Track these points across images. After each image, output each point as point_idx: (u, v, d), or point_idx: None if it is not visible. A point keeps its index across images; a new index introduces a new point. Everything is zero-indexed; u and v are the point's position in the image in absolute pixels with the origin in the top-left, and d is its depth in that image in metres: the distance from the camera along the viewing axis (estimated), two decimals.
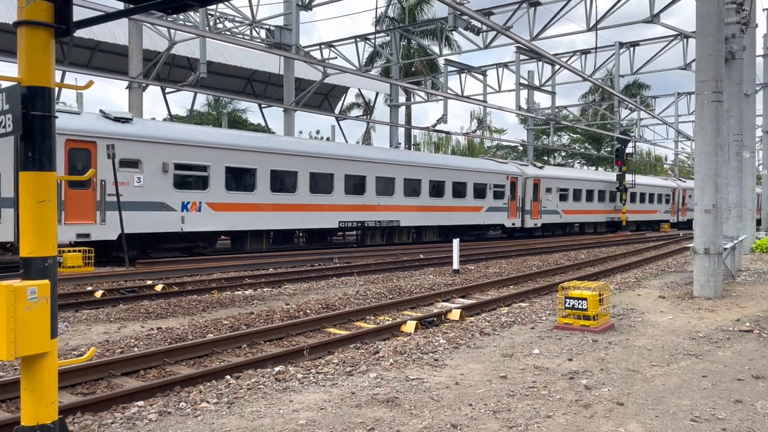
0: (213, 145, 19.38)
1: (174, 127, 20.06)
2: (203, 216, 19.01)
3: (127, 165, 17.28)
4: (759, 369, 6.62)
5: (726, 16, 14.54)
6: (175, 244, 19.04)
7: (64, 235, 15.85)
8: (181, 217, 18.47)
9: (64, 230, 15.70)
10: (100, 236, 16.72)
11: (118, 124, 17.46)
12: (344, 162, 23.49)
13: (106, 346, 8.01)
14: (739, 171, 18.13)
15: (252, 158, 20.31)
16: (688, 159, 68.60)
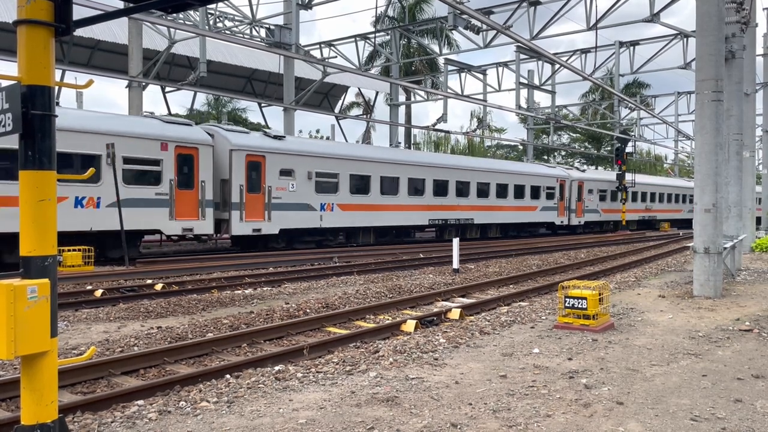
0: (341, 156, 23.62)
1: (315, 143, 26.14)
2: (335, 214, 23.19)
3: (284, 174, 21.26)
4: (759, 368, 6.62)
5: (726, 15, 14.54)
6: (313, 237, 23.08)
7: (175, 228, 18.71)
8: (320, 215, 22.64)
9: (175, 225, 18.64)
10: (267, 231, 20.85)
11: (276, 141, 21.58)
12: (433, 169, 27.58)
13: (106, 345, 8.01)
14: (739, 170, 18.13)
15: (368, 167, 24.48)
16: (688, 158, 68.59)
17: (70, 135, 16.10)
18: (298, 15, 23.13)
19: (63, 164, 15.87)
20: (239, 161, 19.84)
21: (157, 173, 18.17)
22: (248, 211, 20.04)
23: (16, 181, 13.85)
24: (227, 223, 19.84)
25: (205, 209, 18.96)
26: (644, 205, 44.70)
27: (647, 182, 45.82)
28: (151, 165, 18.01)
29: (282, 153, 21.15)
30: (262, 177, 20.49)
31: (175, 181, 18.44)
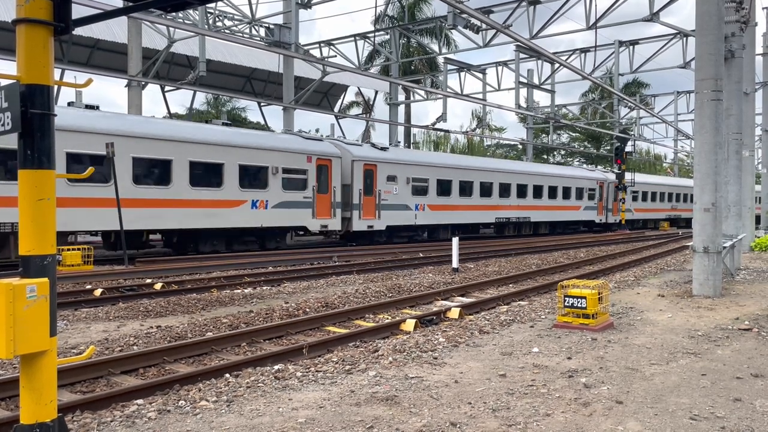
0: (430, 164, 27.80)
1: (410, 152, 30.57)
2: (426, 214, 27.32)
3: (390, 180, 25.57)
4: (758, 367, 6.62)
5: (725, 14, 14.54)
6: (407, 233, 27.65)
7: (315, 225, 22.95)
8: (415, 214, 26.77)
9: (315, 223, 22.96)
10: (377, 227, 25.18)
11: (383, 152, 25.93)
12: (498, 173, 31.58)
13: (106, 344, 8.01)
14: (739, 170, 18.13)
15: (450, 173, 28.65)
16: (687, 157, 68.60)
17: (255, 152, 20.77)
18: (298, 14, 23.12)
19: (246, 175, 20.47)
20: (359, 170, 24.11)
21: (304, 181, 22.34)
22: (364, 211, 24.48)
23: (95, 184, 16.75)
24: (349, 221, 24.06)
25: (335, 210, 23.33)
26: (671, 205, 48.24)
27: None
28: (300, 174, 22.23)
29: (388, 162, 25.52)
30: (374, 182, 24.83)
31: (315, 187, 22.62)
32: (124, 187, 16.98)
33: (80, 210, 16.57)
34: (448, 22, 22.30)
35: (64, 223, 15.82)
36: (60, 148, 15.14)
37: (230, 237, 20.64)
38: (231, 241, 20.68)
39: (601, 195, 38.40)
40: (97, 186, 16.83)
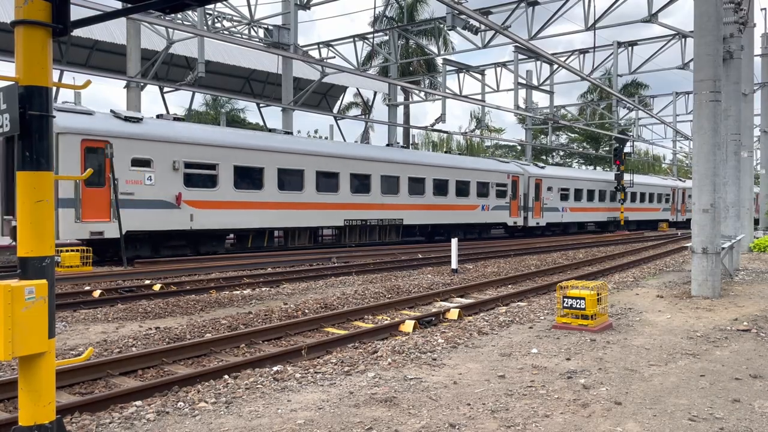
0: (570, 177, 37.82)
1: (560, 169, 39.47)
2: (568, 214, 36.98)
3: (548, 189, 35.18)
4: (757, 368, 6.63)
5: (724, 15, 14.57)
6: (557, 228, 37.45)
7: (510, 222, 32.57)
8: (561, 215, 36.36)
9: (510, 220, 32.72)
10: (541, 224, 34.71)
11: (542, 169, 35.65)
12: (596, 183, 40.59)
13: (104, 345, 8.00)
14: (737, 170, 18.14)
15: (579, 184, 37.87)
16: (686, 158, 68.63)
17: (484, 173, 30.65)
18: (297, 15, 23.12)
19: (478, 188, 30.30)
20: (532, 183, 33.87)
21: (504, 191, 31.99)
22: (534, 212, 34.07)
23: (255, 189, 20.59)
24: (526, 220, 33.59)
25: (521, 211, 33.18)
26: None
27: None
28: (503, 187, 31.85)
29: (548, 177, 35.16)
30: (540, 192, 34.44)
31: (509, 195, 32.22)
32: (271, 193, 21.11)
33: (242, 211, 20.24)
34: (447, 23, 22.31)
35: (232, 222, 19.94)
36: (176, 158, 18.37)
37: (465, 230, 30.48)
38: (465, 233, 30.45)
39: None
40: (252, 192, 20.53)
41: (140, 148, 17.65)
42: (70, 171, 16.12)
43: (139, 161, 17.62)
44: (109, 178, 16.82)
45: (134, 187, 17.46)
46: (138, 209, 17.48)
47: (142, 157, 17.68)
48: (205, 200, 19.17)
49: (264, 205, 20.71)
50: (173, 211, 18.30)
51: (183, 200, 18.48)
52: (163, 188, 18.08)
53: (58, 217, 15.98)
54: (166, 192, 18.16)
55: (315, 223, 22.81)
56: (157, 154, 17.98)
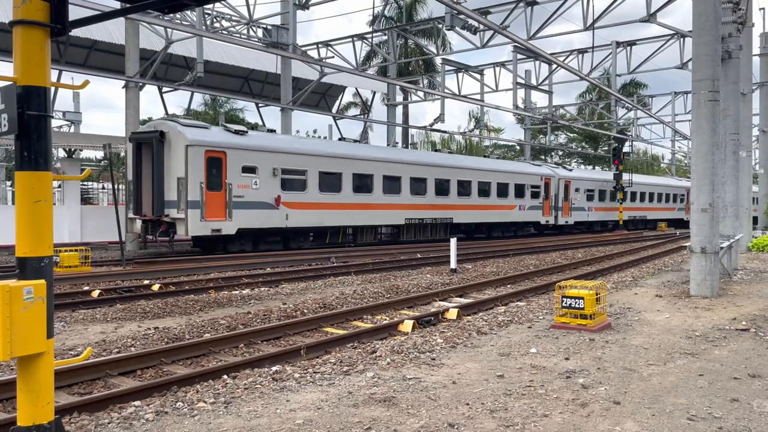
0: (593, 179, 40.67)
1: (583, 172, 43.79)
2: (593, 213, 40.18)
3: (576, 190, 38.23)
4: (755, 368, 6.63)
5: (722, 15, 14.57)
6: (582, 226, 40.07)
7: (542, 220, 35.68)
8: (587, 213, 39.52)
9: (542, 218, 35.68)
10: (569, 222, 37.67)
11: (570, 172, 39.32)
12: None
13: (103, 345, 8.00)
14: (736, 170, 18.15)
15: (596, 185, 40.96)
16: (684, 158, 68.65)
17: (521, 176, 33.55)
18: (295, 15, 23.09)
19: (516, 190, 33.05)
20: (561, 185, 36.59)
21: (538, 193, 34.55)
22: (563, 212, 37.04)
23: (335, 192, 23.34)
24: (556, 219, 36.36)
25: (553, 211, 35.95)
26: None
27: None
28: (537, 188, 34.54)
29: (576, 179, 38.41)
30: (569, 192, 37.52)
31: (542, 196, 35.00)
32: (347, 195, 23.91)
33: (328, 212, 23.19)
34: (446, 22, 22.29)
35: (317, 221, 22.87)
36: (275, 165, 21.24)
37: (503, 229, 33.39)
38: (503, 230, 33.52)
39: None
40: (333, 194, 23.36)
41: (248, 157, 20.41)
42: (196, 176, 18.90)
43: (248, 168, 20.33)
44: (225, 183, 19.62)
45: (244, 191, 20.16)
46: (247, 210, 20.26)
47: (249, 165, 20.41)
48: (298, 202, 22.10)
49: (341, 206, 23.64)
50: (273, 212, 21.15)
51: (281, 202, 21.42)
52: (265, 192, 20.90)
53: (188, 216, 18.69)
54: (268, 195, 21.00)
55: (381, 222, 25.71)
56: (261, 162, 20.73)
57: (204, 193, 19.02)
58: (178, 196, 18.95)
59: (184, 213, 18.71)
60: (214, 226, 19.30)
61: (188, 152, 18.72)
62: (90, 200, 36.10)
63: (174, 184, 19.06)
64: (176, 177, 19.00)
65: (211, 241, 20.46)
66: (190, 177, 18.68)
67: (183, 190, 18.81)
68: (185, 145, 18.83)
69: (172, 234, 19.33)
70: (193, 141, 18.93)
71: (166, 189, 19.14)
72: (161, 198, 19.12)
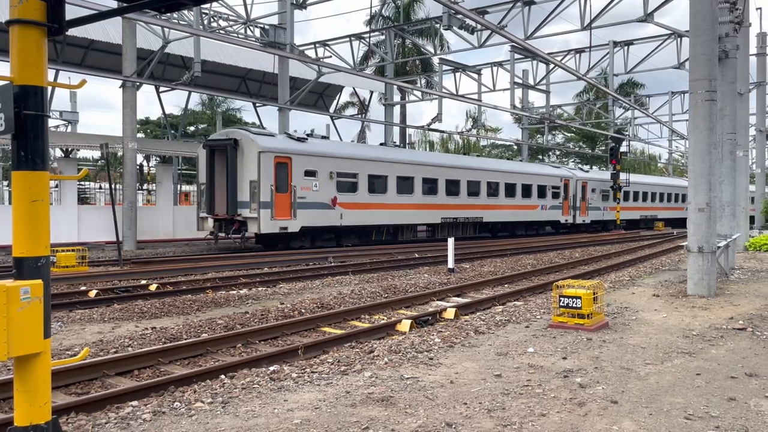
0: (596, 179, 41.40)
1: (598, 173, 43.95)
2: (607, 212, 41.70)
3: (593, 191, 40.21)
4: (752, 367, 6.65)
5: (719, 15, 14.58)
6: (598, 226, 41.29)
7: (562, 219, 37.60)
8: (603, 213, 41.38)
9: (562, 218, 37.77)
10: (585, 221, 39.43)
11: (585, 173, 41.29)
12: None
13: (100, 345, 7.99)
14: (733, 169, 18.17)
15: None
16: (681, 158, 68.74)
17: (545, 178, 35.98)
18: (293, 15, 23.08)
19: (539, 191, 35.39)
20: (579, 186, 38.93)
21: (558, 193, 36.87)
22: (581, 211, 39.12)
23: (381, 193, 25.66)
24: (574, 218, 38.45)
25: (570, 210, 38.32)
26: None
27: None
28: (557, 189, 36.79)
29: (591, 180, 40.36)
30: (586, 192, 39.43)
31: (562, 196, 37.06)
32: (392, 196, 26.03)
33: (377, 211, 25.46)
34: (443, 22, 22.30)
35: (366, 220, 24.97)
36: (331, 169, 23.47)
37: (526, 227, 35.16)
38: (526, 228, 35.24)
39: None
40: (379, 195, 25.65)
41: (309, 162, 22.63)
42: (267, 179, 21.07)
43: (309, 172, 22.55)
44: (291, 185, 21.82)
45: (306, 192, 22.35)
46: (308, 210, 22.51)
47: (311, 169, 22.64)
48: (350, 202, 24.23)
49: (387, 206, 25.89)
50: (329, 211, 23.29)
51: (337, 203, 23.58)
52: (323, 193, 23.10)
53: (260, 215, 20.87)
54: (326, 196, 23.18)
55: (421, 221, 28.04)
56: (320, 166, 22.96)
57: (273, 194, 21.22)
58: (251, 197, 21.06)
59: (257, 212, 20.88)
60: (282, 225, 21.56)
61: (260, 158, 20.85)
62: (87, 200, 36.03)
63: (247, 186, 21.14)
64: (249, 180, 21.09)
65: (275, 238, 22.39)
66: (262, 180, 20.87)
67: (256, 192, 20.91)
68: (258, 152, 20.87)
69: (243, 231, 21.39)
70: (265, 148, 21.07)
71: (239, 191, 21.22)
72: (234, 199, 21.21)
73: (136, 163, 24.64)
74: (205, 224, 22.39)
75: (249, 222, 21.13)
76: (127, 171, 23.47)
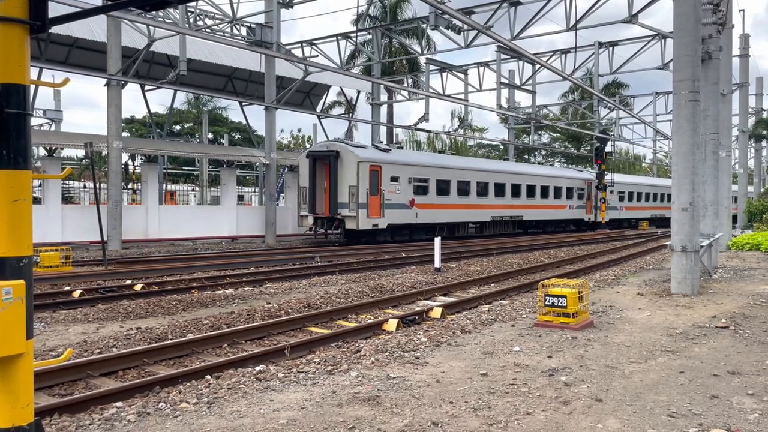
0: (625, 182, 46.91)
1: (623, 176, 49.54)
2: (621, 212, 45.76)
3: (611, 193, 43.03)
4: (734, 365, 6.73)
5: (703, 16, 14.74)
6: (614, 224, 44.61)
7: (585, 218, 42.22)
8: (619, 212, 45.49)
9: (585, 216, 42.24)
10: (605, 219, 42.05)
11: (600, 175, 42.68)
12: None
13: (84, 346, 7.92)
14: (716, 169, 18.35)
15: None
16: (666, 158, 69.37)
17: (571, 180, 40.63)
18: (279, 13, 23.01)
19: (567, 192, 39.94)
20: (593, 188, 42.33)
21: (582, 194, 41.31)
22: (587, 210, 42.13)
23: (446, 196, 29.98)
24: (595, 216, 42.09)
25: (592, 210, 42.05)
26: None
27: None
28: (581, 191, 41.20)
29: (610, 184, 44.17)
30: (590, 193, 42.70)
31: (585, 197, 41.35)
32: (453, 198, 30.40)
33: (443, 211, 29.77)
34: (430, 22, 22.31)
35: (435, 218, 29.24)
36: (409, 175, 27.70)
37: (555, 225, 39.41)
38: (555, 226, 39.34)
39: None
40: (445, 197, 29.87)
41: (394, 170, 26.91)
42: (364, 184, 25.27)
43: (393, 178, 26.82)
44: (380, 189, 25.96)
45: (391, 195, 26.56)
46: (393, 209, 26.61)
47: (395, 175, 26.88)
48: (423, 203, 28.42)
49: (450, 206, 30.11)
50: (408, 211, 27.47)
51: (414, 203, 27.71)
52: (404, 196, 27.31)
53: (358, 214, 25.00)
54: (405, 198, 27.40)
55: (476, 219, 32.32)
56: (401, 173, 27.20)
57: (368, 197, 25.39)
58: (349, 199, 25.30)
59: (355, 212, 25.08)
60: (374, 222, 25.78)
61: (359, 167, 25.13)
62: (71, 199, 35.69)
63: (346, 190, 25.37)
64: (348, 185, 25.31)
65: (362, 234, 26.04)
66: (360, 185, 25.12)
67: (354, 195, 25.15)
68: (357, 162, 25.16)
69: (342, 228, 25.62)
70: (363, 158, 25.40)
71: (339, 194, 25.47)
72: (336, 201, 25.52)
73: (120, 162, 24.44)
74: (305, 221, 26.71)
75: (347, 220, 25.25)
76: (112, 170, 23.28)
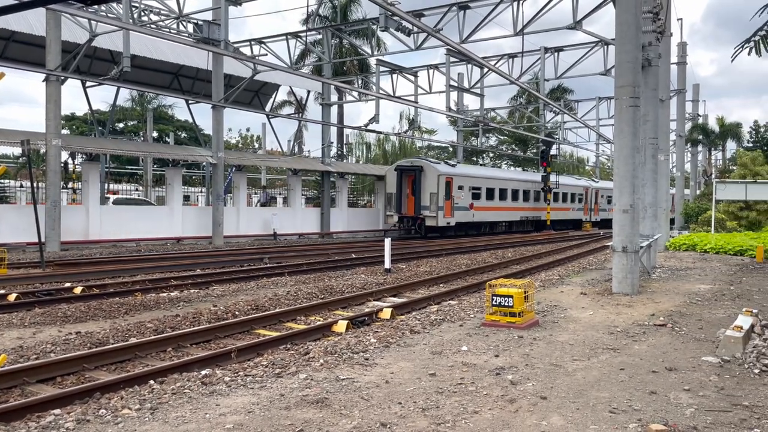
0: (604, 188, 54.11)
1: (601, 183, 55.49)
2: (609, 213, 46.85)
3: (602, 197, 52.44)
4: (672, 361, 6.98)
5: (643, 24, 15.24)
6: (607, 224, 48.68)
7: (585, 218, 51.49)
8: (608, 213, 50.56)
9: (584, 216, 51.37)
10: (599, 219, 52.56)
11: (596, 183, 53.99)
12: None
13: (20, 352, 7.62)
14: (655, 173, 18.99)
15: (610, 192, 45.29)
16: (608, 161, 71.53)
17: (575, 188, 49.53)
18: (227, 11, 22.64)
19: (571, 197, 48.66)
20: (593, 192, 51.18)
21: (582, 198, 49.75)
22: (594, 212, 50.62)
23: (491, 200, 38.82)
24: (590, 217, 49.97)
25: (589, 212, 50.17)
26: None
27: None
28: (581, 196, 49.57)
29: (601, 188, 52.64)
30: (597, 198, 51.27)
31: (584, 201, 49.53)
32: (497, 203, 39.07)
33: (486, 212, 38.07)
34: (380, 23, 22.33)
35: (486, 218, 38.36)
36: (469, 185, 36.11)
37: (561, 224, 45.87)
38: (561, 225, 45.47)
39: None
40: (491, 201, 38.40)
41: (460, 181, 35.23)
42: (441, 192, 33.31)
43: (460, 187, 35.01)
44: (452, 195, 34.07)
45: (458, 200, 34.65)
46: (459, 211, 34.79)
47: (460, 184, 35.13)
48: (478, 206, 36.75)
49: (494, 209, 38.72)
50: (468, 212, 35.83)
51: (473, 207, 36.11)
52: (465, 200, 35.52)
53: (437, 215, 33.14)
54: (466, 202, 35.65)
55: (510, 219, 40.91)
56: (464, 183, 35.53)
57: (444, 201, 33.40)
58: (430, 203, 33.19)
59: (435, 213, 33.12)
60: (448, 221, 33.96)
61: (439, 179, 33.26)
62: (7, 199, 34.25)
63: (427, 196, 33.26)
64: (429, 192, 33.24)
65: (437, 230, 34.00)
66: (439, 193, 33.20)
67: (434, 200, 33.09)
68: (437, 175, 33.33)
69: (423, 226, 33.46)
70: (441, 172, 33.58)
71: (422, 199, 33.33)
72: (419, 204, 33.39)
73: (60, 160, 23.59)
74: (390, 219, 34.45)
75: (427, 219, 33.17)
76: (51, 169, 22.44)
